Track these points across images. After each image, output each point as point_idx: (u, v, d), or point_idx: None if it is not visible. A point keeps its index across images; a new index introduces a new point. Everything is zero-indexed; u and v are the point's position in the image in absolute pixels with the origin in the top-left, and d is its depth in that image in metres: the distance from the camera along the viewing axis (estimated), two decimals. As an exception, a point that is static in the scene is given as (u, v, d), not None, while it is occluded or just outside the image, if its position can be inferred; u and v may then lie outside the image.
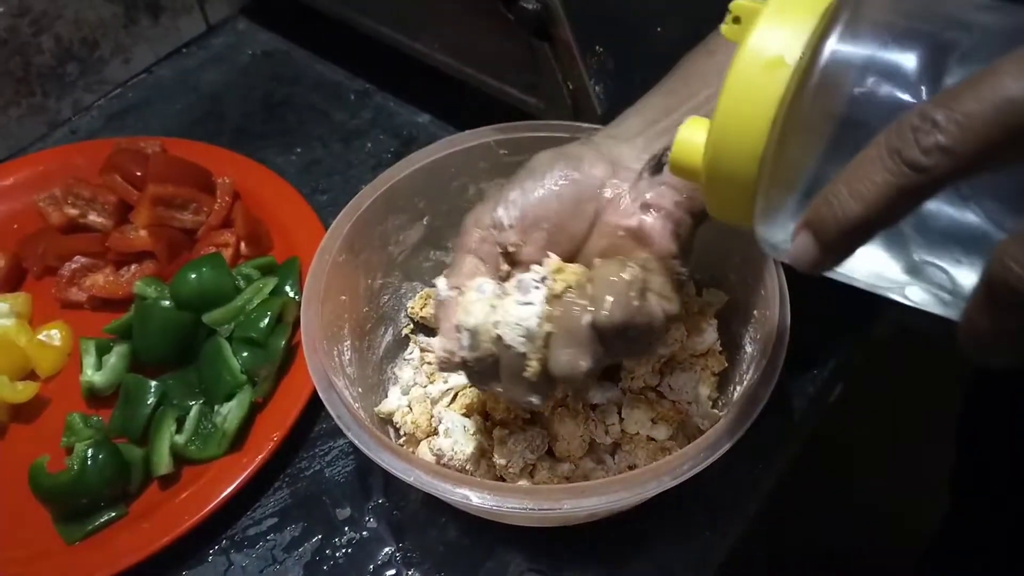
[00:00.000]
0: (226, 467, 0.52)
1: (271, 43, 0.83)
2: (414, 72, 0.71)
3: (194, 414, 0.53)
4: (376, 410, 0.51)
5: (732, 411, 0.40)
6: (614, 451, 0.49)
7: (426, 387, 0.52)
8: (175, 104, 0.78)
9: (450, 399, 0.50)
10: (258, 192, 0.66)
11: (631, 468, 0.48)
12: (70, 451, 0.52)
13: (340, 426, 0.41)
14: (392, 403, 0.51)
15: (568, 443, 0.48)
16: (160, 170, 0.63)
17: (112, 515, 0.51)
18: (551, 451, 0.48)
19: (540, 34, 0.56)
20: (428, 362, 0.54)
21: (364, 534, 0.51)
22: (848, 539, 1.23)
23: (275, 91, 0.78)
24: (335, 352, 0.47)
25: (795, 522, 1.19)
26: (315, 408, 0.55)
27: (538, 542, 0.49)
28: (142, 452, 0.52)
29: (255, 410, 0.54)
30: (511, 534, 0.49)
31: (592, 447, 0.49)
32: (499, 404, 0.48)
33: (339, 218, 0.49)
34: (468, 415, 0.49)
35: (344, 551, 0.50)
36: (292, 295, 0.59)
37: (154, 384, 0.54)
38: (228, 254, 0.62)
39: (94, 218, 0.65)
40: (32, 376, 0.59)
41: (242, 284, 0.59)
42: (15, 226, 0.67)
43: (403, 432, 0.50)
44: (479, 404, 0.49)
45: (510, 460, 0.46)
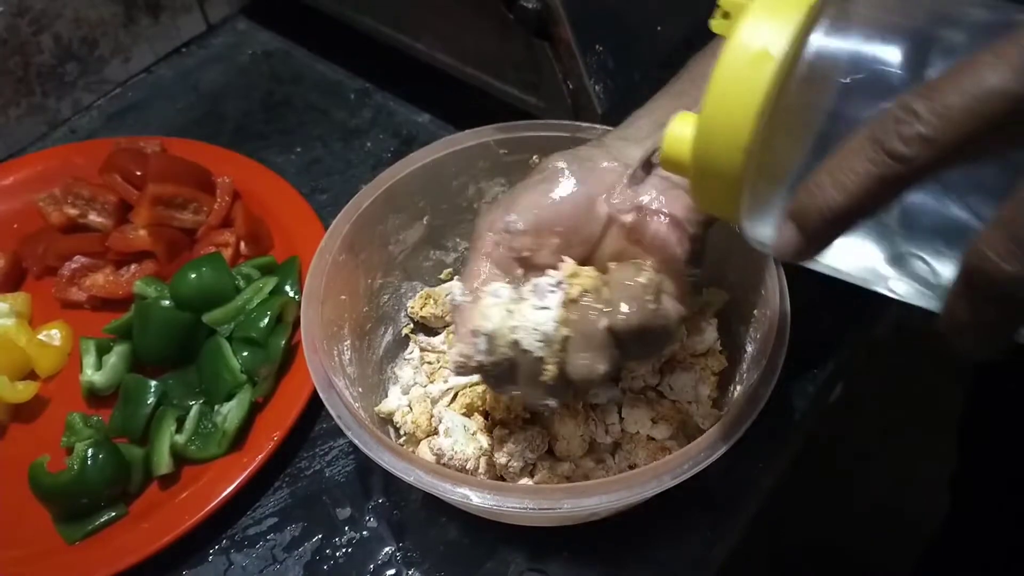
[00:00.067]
0: (226, 467, 0.52)
1: (271, 42, 0.83)
2: (414, 71, 0.71)
3: (194, 414, 0.53)
4: (376, 410, 0.51)
5: (732, 411, 0.40)
6: (614, 451, 0.49)
7: (426, 387, 0.52)
8: (175, 104, 0.78)
9: (450, 399, 0.50)
10: (258, 192, 0.66)
11: (631, 468, 0.48)
12: (70, 451, 0.52)
13: (340, 426, 0.41)
14: (392, 403, 0.51)
15: (568, 443, 0.48)
16: (160, 170, 0.63)
17: (112, 515, 0.51)
18: (551, 451, 0.48)
19: (540, 33, 0.56)
20: (428, 362, 0.54)
21: (364, 534, 0.51)
22: (848, 539, 1.23)
23: (275, 91, 0.78)
24: (335, 352, 0.47)
25: (795, 522, 1.19)
26: (315, 408, 0.55)
27: (538, 542, 0.49)
28: (142, 452, 0.52)
29: (255, 410, 0.54)
30: (511, 534, 0.49)
31: (592, 447, 0.49)
32: (499, 404, 0.48)
33: (339, 217, 0.49)
34: (468, 415, 0.49)
35: (344, 551, 0.50)
36: (292, 295, 0.59)
37: (154, 384, 0.54)
38: (228, 254, 0.62)
39: (94, 218, 0.65)
40: (32, 376, 0.59)
41: (242, 284, 0.59)
42: (15, 226, 0.67)
43: (403, 432, 0.50)
44: (479, 404, 0.49)
45: (510, 460, 0.46)
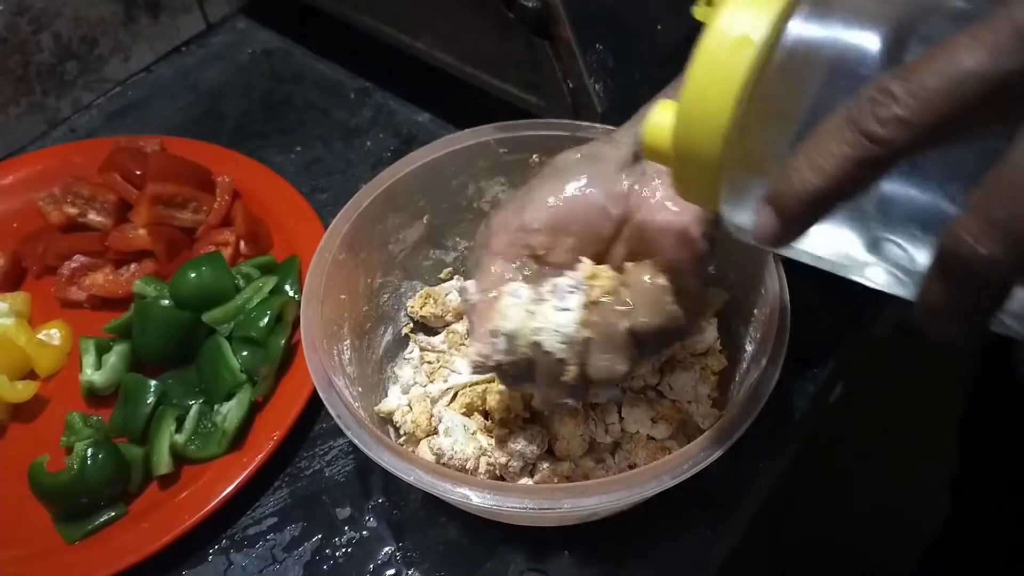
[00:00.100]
0: (226, 466, 0.52)
1: (271, 42, 0.83)
2: (414, 71, 0.71)
3: (194, 413, 0.53)
4: (376, 409, 0.51)
5: (732, 411, 0.40)
6: (614, 450, 0.49)
7: (426, 386, 0.52)
8: (175, 103, 0.78)
9: (450, 398, 0.50)
10: (258, 191, 0.66)
11: (631, 467, 0.48)
12: (70, 451, 0.52)
13: (340, 425, 0.41)
14: (392, 402, 0.51)
15: (568, 442, 0.48)
16: (160, 169, 0.63)
17: (112, 515, 0.51)
18: (551, 450, 0.48)
19: (540, 32, 0.55)
20: (428, 361, 0.54)
21: (364, 533, 0.50)
22: (848, 539, 1.23)
23: (275, 90, 0.78)
24: (335, 351, 0.47)
25: (795, 522, 1.19)
26: (315, 407, 0.54)
27: (538, 541, 0.49)
28: (142, 452, 0.52)
29: (255, 409, 0.54)
30: (511, 533, 0.49)
31: (592, 446, 0.49)
32: (499, 403, 0.48)
33: (339, 217, 0.49)
34: (468, 414, 0.49)
35: (344, 551, 0.50)
36: (292, 294, 0.59)
37: (154, 383, 0.54)
38: (228, 253, 0.62)
39: (93, 217, 0.65)
40: (32, 375, 0.59)
41: (242, 283, 0.59)
42: (15, 225, 0.66)
43: (403, 431, 0.50)
44: (479, 403, 0.49)
45: (510, 459, 0.46)
